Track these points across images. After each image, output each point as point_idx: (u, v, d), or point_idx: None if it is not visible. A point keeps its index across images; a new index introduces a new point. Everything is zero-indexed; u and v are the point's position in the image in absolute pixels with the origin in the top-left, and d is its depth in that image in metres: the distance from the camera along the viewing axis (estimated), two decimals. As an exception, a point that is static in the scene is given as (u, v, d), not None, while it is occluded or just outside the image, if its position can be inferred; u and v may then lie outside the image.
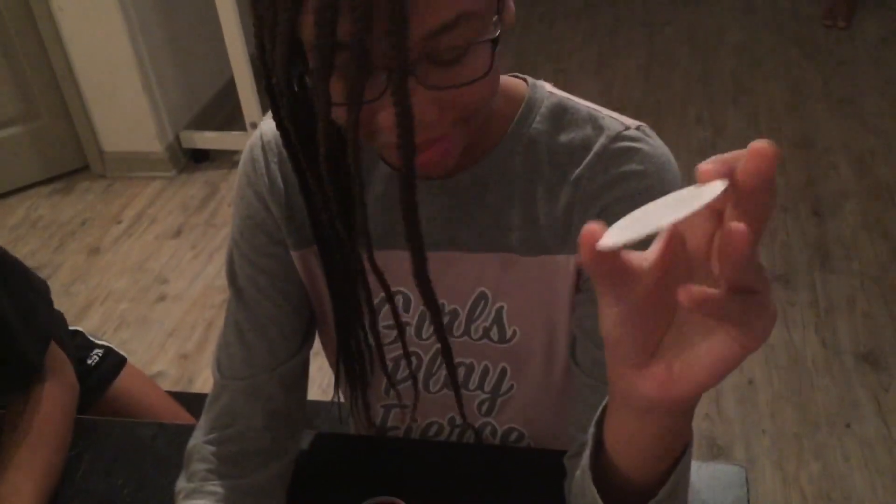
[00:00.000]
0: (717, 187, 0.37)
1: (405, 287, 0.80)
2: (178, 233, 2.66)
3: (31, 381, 0.93)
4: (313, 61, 0.53)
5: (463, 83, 0.57)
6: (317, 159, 0.61)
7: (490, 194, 0.74)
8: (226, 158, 3.01)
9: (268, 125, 0.78)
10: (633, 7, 3.81)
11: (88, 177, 2.99)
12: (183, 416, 1.28)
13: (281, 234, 0.78)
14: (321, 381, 1.90)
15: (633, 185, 0.70)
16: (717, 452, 1.79)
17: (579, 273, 0.75)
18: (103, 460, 0.91)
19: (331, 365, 0.88)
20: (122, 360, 1.23)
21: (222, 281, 2.41)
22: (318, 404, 1.27)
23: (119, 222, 2.72)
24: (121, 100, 2.82)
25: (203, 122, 3.08)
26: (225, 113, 3.16)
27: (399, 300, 0.80)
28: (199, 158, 3.01)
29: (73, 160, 2.97)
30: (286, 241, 0.79)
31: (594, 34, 3.60)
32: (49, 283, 1.07)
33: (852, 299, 2.13)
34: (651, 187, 0.69)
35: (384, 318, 0.81)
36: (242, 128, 2.89)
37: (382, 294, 0.68)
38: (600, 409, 0.59)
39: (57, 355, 0.97)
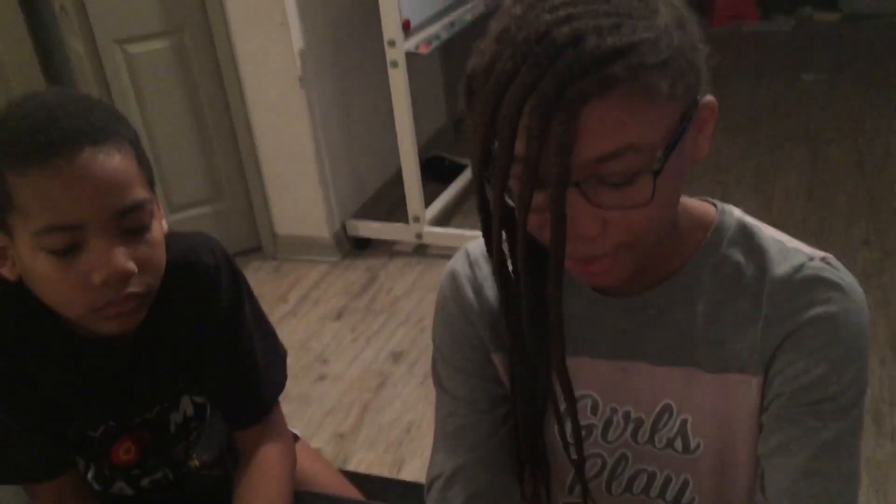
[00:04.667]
0: None
1: (593, 391, 0.84)
2: (339, 315, 2.79)
3: (259, 421, 1.03)
4: (493, 171, 0.65)
5: (624, 207, 0.65)
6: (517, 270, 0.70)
7: (677, 312, 0.79)
8: (385, 248, 3.15)
9: (473, 246, 0.87)
10: (795, 123, 3.79)
11: (260, 257, 3.20)
12: (350, 490, 1.33)
13: (478, 340, 0.86)
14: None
15: (816, 313, 0.73)
16: None
17: (762, 394, 0.78)
18: (308, 531, 0.97)
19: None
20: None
21: (379, 365, 2.52)
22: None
23: (285, 302, 2.89)
24: (297, 188, 3.04)
25: (367, 212, 3.26)
26: (388, 204, 3.33)
27: (588, 403, 0.85)
28: (362, 246, 3.17)
29: (248, 240, 3.20)
30: (487, 346, 0.86)
31: (755, 148, 3.59)
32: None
33: None
34: (835, 315, 0.73)
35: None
36: (404, 220, 3.04)
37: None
38: None
39: (281, 416, 1.06)
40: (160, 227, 0.86)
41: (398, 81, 2.72)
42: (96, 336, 0.88)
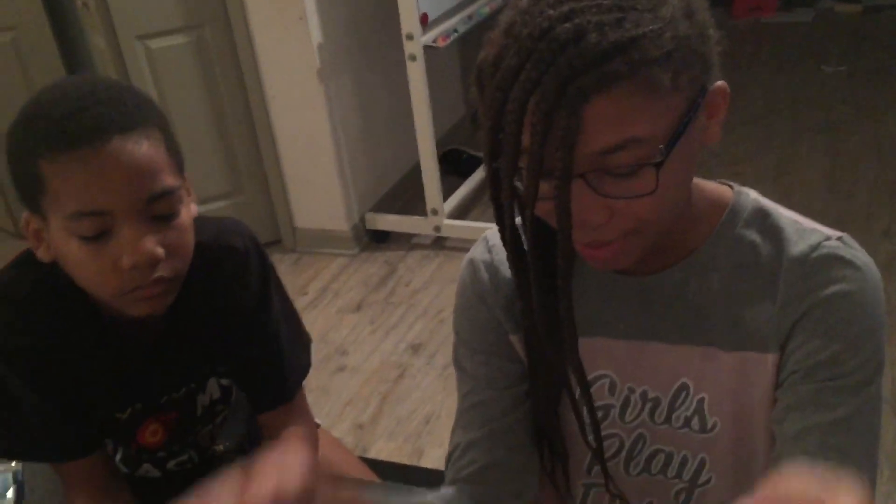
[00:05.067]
0: None
1: (610, 371, 0.85)
2: (358, 308, 2.81)
3: (283, 403, 1.04)
4: (502, 163, 0.67)
5: (629, 196, 0.66)
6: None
7: (692, 292, 0.80)
8: (403, 240, 3.17)
9: (492, 234, 0.88)
10: (815, 115, 3.77)
11: (280, 250, 3.22)
12: (370, 476, 1.35)
13: (495, 322, 0.88)
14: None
15: (832, 291, 0.74)
16: None
17: (778, 372, 0.78)
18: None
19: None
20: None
21: (398, 357, 2.54)
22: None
23: (305, 294, 2.92)
24: (316, 182, 3.06)
25: (386, 205, 3.28)
26: (406, 198, 3.35)
27: (605, 383, 0.86)
28: (380, 239, 3.19)
29: (268, 234, 3.22)
30: (505, 327, 0.87)
31: (774, 140, 3.58)
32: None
33: None
34: (851, 293, 0.74)
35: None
36: (422, 212, 3.05)
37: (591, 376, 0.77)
38: None
39: (305, 401, 1.08)
40: (189, 211, 0.88)
41: (416, 75, 2.73)
42: (127, 318, 0.90)
